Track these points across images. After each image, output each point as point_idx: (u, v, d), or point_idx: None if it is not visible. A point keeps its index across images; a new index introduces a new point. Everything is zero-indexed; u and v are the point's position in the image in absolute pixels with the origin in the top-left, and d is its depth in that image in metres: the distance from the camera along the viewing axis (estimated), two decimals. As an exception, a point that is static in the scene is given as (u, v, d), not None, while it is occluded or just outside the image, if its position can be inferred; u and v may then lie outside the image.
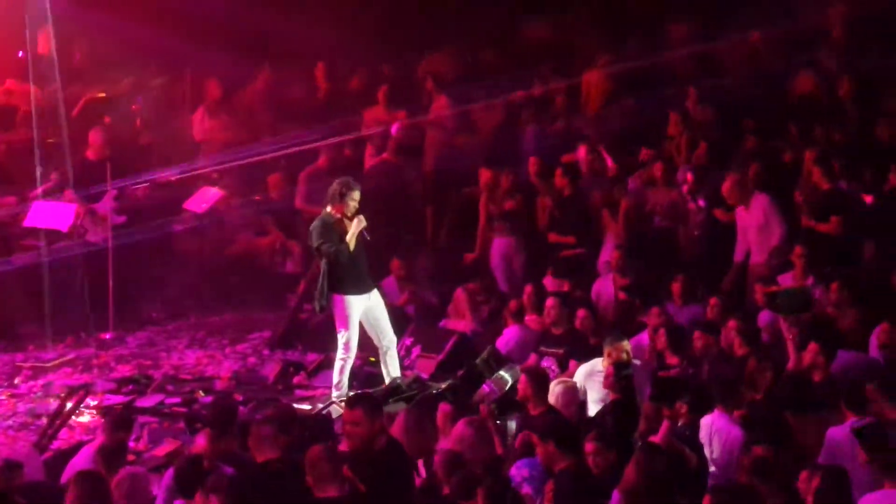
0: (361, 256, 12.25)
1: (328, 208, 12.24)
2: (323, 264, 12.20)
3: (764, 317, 12.30)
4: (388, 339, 12.43)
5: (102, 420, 10.40)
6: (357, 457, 8.65)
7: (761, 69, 17.71)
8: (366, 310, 12.30)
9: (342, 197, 12.15)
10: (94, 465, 9.54)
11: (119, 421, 10.12)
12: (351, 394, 11.74)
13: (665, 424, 9.53)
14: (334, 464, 8.31)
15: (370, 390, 11.61)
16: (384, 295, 12.98)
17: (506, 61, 18.99)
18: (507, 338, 13.22)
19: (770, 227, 13.98)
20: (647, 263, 14.20)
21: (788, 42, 17.59)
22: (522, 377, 10.77)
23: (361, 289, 12.25)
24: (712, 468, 9.58)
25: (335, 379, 12.28)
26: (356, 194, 12.19)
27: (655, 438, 9.29)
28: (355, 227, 12.09)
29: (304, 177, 16.65)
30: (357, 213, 12.18)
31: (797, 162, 15.12)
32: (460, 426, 9.55)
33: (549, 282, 14.09)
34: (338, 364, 12.27)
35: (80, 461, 9.76)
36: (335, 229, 12.13)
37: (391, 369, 12.42)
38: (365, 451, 8.64)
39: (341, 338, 12.21)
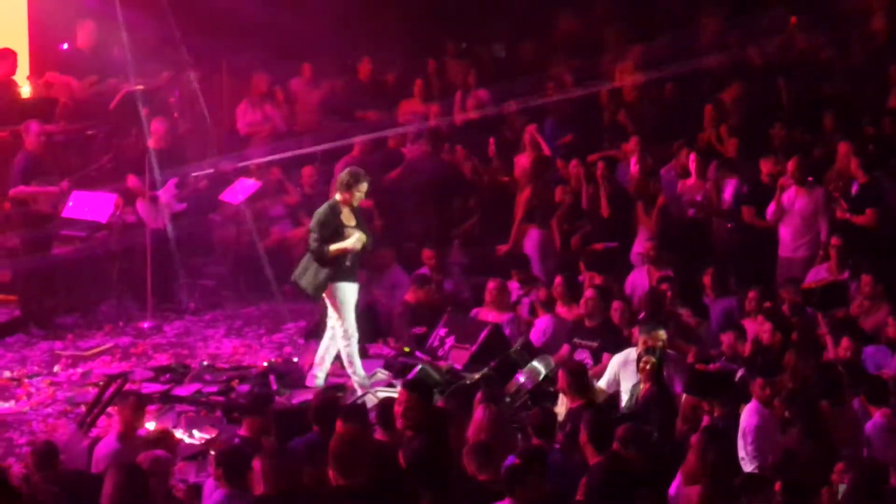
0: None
1: (337, 196, 12.32)
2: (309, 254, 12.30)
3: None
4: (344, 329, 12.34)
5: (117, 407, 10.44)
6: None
7: (797, 59, 17.69)
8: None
9: (349, 187, 12.22)
10: (116, 451, 9.58)
11: (132, 403, 10.13)
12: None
13: (705, 420, 9.63)
14: (362, 450, 8.46)
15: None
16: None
17: (540, 55, 19.02)
18: (541, 328, 13.24)
19: (816, 221, 13.98)
20: (679, 256, 14.23)
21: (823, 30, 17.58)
22: (560, 371, 10.81)
23: (353, 276, 12.33)
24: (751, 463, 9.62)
25: (349, 367, 12.30)
26: (363, 186, 12.26)
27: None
28: (347, 244, 12.10)
29: (340, 168, 16.69)
30: (360, 227, 12.24)
31: (828, 155, 15.13)
32: (478, 413, 9.67)
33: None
34: (344, 353, 12.29)
35: (102, 448, 9.80)
36: (334, 224, 12.16)
37: (326, 355, 12.47)
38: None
39: (339, 326, 12.24)
